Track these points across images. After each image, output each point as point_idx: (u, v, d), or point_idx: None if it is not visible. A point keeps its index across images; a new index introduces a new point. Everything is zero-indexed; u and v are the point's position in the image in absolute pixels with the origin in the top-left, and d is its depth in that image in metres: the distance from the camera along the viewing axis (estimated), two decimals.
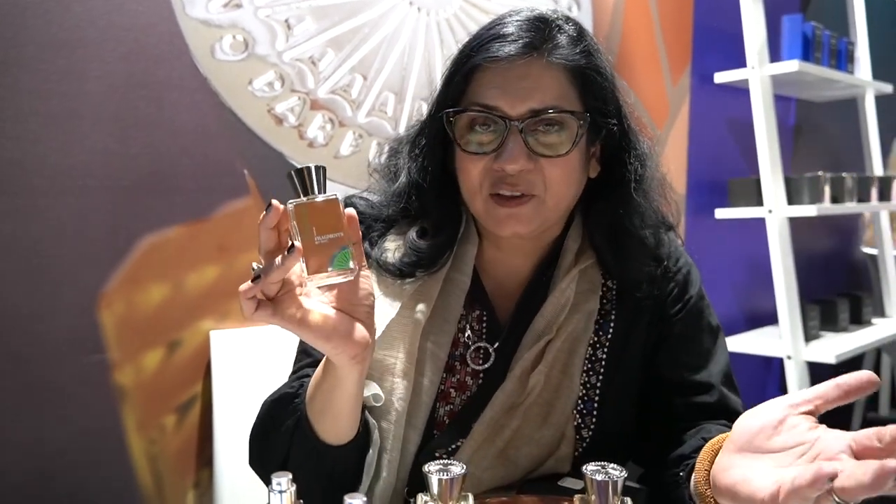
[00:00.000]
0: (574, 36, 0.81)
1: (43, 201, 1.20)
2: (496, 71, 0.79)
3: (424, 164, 0.86)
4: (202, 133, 1.37)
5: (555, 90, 0.79)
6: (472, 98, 0.80)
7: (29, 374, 1.21)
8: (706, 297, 0.95)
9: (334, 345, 0.67)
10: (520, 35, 0.79)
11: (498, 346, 0.87)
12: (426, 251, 0.86)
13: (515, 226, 0.81)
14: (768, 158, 2.20)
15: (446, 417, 0.86)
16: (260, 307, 0.62)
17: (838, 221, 3.14)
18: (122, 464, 1.31)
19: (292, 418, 0.78)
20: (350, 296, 0.69)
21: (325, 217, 0.65)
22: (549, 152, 0.79)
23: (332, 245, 0.65)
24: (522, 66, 0.78)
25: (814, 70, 2.30)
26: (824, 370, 2.42)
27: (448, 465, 0.62)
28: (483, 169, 0.80)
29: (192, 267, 1.37)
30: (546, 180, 0.80)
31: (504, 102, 0.78)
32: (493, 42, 0.79)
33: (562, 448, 0.85)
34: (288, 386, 0.83)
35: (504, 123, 0.78)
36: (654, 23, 2.27)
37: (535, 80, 0.78)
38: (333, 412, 0.75)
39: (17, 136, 1.18)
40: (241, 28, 1.41)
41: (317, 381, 0.75)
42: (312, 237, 0.64)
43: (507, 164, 0.78)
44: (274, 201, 0.63)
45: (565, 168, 0.80)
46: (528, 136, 0.78)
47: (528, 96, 0.78)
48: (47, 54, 1.20)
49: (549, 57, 0.79)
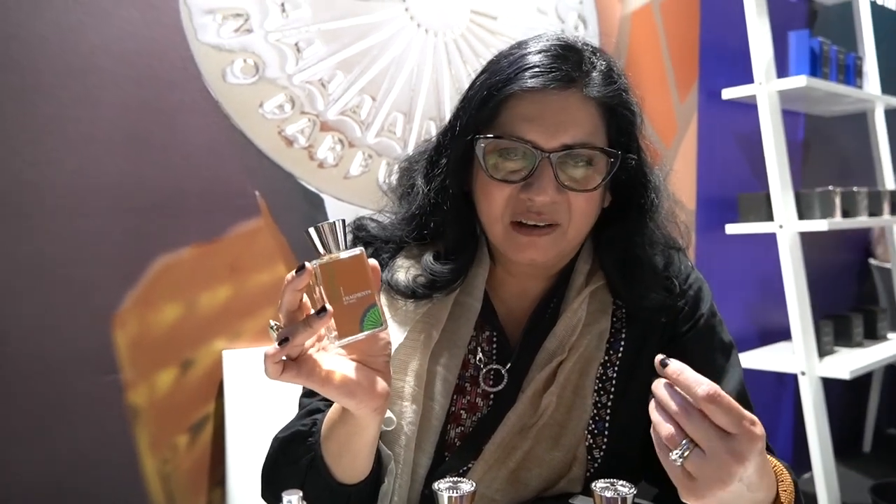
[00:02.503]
0: (606, 71, 0.81)
1: (59, 222, 1.23)
2: (532, 101, 0.78)
3: (445, 185, 0.85)
4: (214, 155, 1.39)
5: (588, 125, 0.79)
6: (505, 125, 0.79)
7: (44, 393, 1.22)
8: (718, 313, 0.94)
9: (358, 400, 0.67)
10: (556, 66, 0.77)
11: (509, 367, 0.87)
12: (443, 274, 0.85)
13: (534, 254, 0.81)
14: (777, 173, 2.20)
15: (457, 439, 0.86)
16: (286, 369, 0.62)
17: (851, 236, 3.12)
18: (134, 483, 1.32)
19: (306, 458, 0.77)
20: (369, 348, 0.68)
21: (352, 275, 0.63)
22: (577, 186, 0.79)
23: (361, 304, 0.63)
24: (559, 98, 0.78)
25: (822, 85, 2.30)
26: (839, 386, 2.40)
27: (458, 482, 0.62)
28: (508, 196, 0.80)
29: (205, 287, 1.38)
30: (571, 211, 0.80)
31: (539, 134, 0.77)
32: (528, 71, 0.78)
33: (573, 470, 0.84)
34: (300, 423, 0.82)
35: (536, 154, 0.77)
36: (661, 40, 2.28)
37: (571, 113, 0.78)
38: (351, 455, 0.75)
39: (35, 159, 1.20)
40: (252, 52, 1.43)
41: (332, 424, 0.75)
42: (341, 298, 0.63)
43: (537, 195, 0.77)
44: (307, 264, 0.62)
45: (589, 201, 0.81)
46: (559, 169, 0.78)
47: (563, 130, 0.77)
48: (64, 81, 1.23)
49: (586, 90, 0.78)
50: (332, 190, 1.56)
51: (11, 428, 1.19)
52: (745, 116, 2.46)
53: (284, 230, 1.49)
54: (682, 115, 2.36)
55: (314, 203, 1.53)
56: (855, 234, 3.14)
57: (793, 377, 2.26)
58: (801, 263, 2.21)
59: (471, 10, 1.77)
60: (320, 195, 1.54)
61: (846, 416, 3.00)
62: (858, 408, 3.10)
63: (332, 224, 0.63)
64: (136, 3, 1.29)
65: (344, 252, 0.63)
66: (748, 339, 2.61)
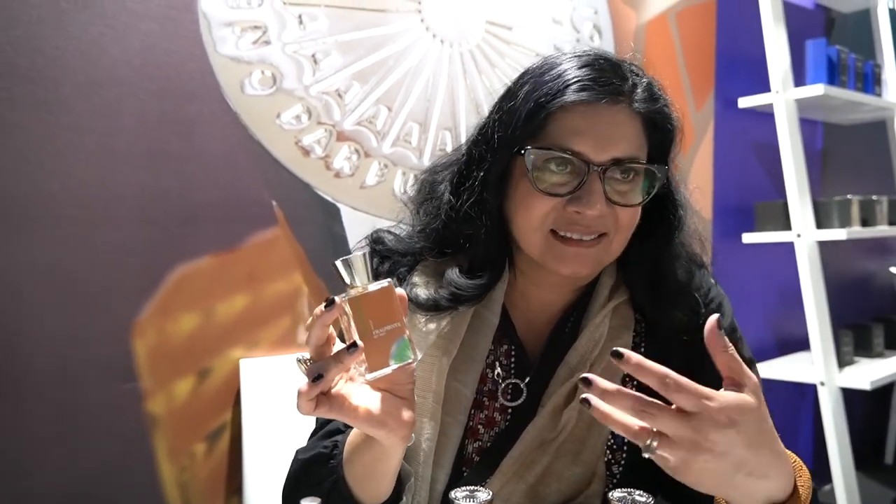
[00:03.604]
0: (648, 85, 0.81)
1: (79, 232, 1.24)
2: (582, 113, 0.78)
3: (483, 197, 0.83)
4: (232, 166, 1.41)
5: (636, 140, 0.79)
6: (554, 137, 0.78)
7: (64, 402, 1.24)
8: (738, 329, 0.93)
9: (387, 431, 0.67)
10: (606, 80, 0.77)
11: (528, 381, 0.87)
12: (470, 289, 0.84)
13: (579, 266, 0.80)
14: (795, 182, 2.18)
15: (475, 454, 0.86)
16: (318, 404, 0.62)
17: (871, 245, 3.09)
18: (153, 491, 1.32)
19: (329, 480, 0.77)
20: (396, 377, 0.67)
21: (381, 308, 0.62)
22: (623, 201, 0.79)
23: (391, 337, 0.63)
24: (610, 112, 0.78)
25: (840, 94, 2.29)
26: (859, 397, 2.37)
27: (474, 491, 0.62)
28: (551, 209, 0.79)
29: (223, 296, 1.39)
30: (618, 224, 0.80)
31: (589, 147, 0.77)
32: (577, 83, 0.77)
33: (592, 485, 0.83)
34: (321, 445, 0.81)
35: (586, 167, 0.77)
36: (677, 48, 2.28)
37: (620, 127, 0.78)
38: (376, 480, 0.75)
39: (56, 170, 1.22)
40: (270, 64, 1.45)
41: (355, 449, 0.75)
42: (371, 332, 0.62)
43: (587, 208, 0.77)
44: (337, 299, 0.61)
45: (634, 215, 0.81)
46: (607, 183, 0.78)
47: (613, 144, 0.77)
48: (84, 93, 1.25)
49: (634, 105, 0.79)
50: (348, 199, 1.57)
51: (32, 435, 1.21)
52: (762, 125, 2.44)
53: (301, 239, 1.50)
54: (699, 124, 2.35)
55: (330, 212, 1.54)
56: (875, 243, 3.10)
57: (812, 388, 2.24)
58: (820, 273, 2.19)
59: (486, 21, 1.78)
60: (336, 205, 1.55)
61: (867, 427, 2.95)
62: (880, 419, 3.06)
63: (361, 256, 0.62)
64: (155, 16, 1.32)
65: (372, 284, 0.63)
66: (767, 350, 2.58)
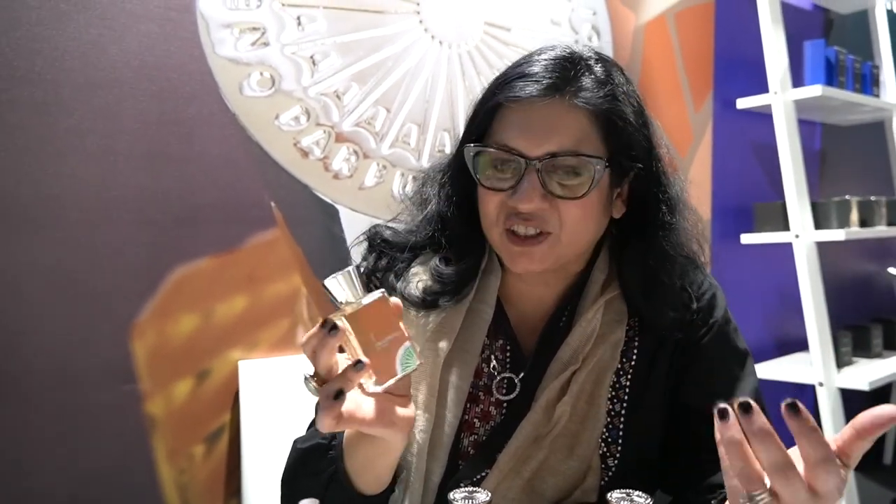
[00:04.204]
0: (601, 78, 0.81)
1: (79, 233, 1.24)
2: (518, 110, 0.79)
3: (450, 194, 0.88)
4: (231, 167, 1.41)
5: (575, 133, 0.79)
6: (495, 136, 0.81)
7: (63, 403, 1.24)
8: (732, 320, 0.93)
9: (395, 429, 0.69)
10: (544, 75, 0.79)
11: (522, 376, 0.88)
12: (450, 278, 0.87)
13: (528, 264, 0.82)
14: (794, 183, 2.18)
15: (470, 448, 0.86)
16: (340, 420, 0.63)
17: (869, 245, 3.09)
18: (152, 492, 1.32)
19: (328, 470, 0.78)
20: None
21: (379, 319, 0.63)
22: (565, 194, 0.79)
23: (394, 345, 0.64)
24: (543, 107, 0.78)
25: (838, 94, 2.29)
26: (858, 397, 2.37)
27: (473, 492, 0.62)
28: (499, 203, 0.81)
29: (222, 297, 1.40)
30: (561, 219, 0.80)
31: (523, 142, 0.79)
32: (518, 81, 0.79)
33: (588, 479, 0.84)
34: (319, 436, 0.82)
35: (522, 163, 0.79)
36: (675, 50, 2.28)
37: (555, 121, 0.79)
38: (375, 472, 0.76)
39: (56, 172, 1.22)
40: (269, 65, 1.45)
41: (356, 442, 0.76)
42: (373, 344, 0.63)
43: (520, 202, 0.78)
44: (338, 323, 0.61)
45: (583, 209, 0.80)
46: (545, 177, 0.78)
47: (547, 138, 0.78)
48: (84, 94, 1.25)
49: (572, 99, 0.79)
50: (347, 201, 1.57)
51: (31, 436, 1.21)
52: (761, 126, 2.45)
53: (300, 241, 1.50)
54: (697, 125, 2.36)
55: (329, 214, 1.54)
56: (873, 244, 3.11)
57: (811, 388, 2.24)
58: (819, 273, 2.19)
59: (485, 22, 1.79)
60: (335, 206, 1.55)
61: None
62: None
63: (348, 273, 0.63)
64: (154, 17, 1.32)
65: (366, 298, 0.63)
66: (765, 350, 2.58)
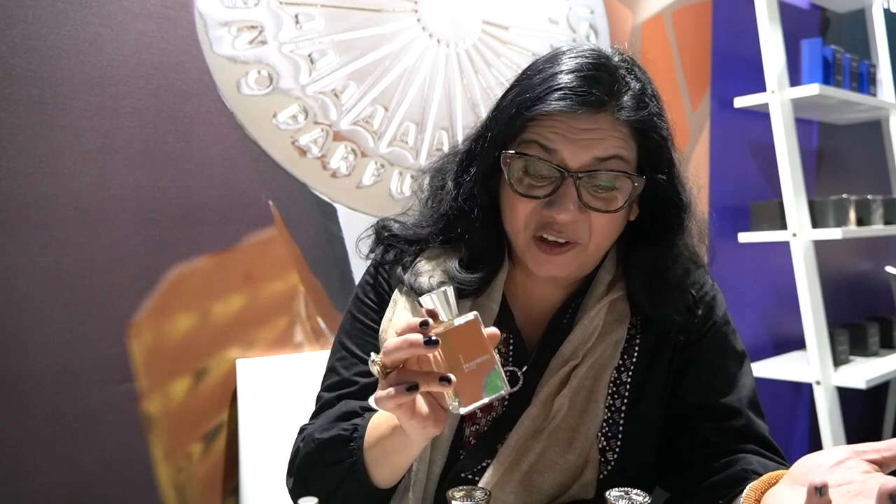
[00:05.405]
0: (638, 94, 0.81)
1: (77, 233, 1.24)
2: (561, 120, 0.79)
3: (473, 193, 0.87)
4: (228, 166, 1.41)
5: (615, 147, 0.79)
6: (531, 144, 0.80)
7: (60, 402, 1.23)
8: (731, 322, 0.95)
9: (438, 429, 0.69)
10: (587, 90, 0.77)
11: (525, 369, 0.88)
12: (471, 283, 0.87)
13: (553, 270, 0.83)
14: (791, 181, 2.19)
15: (472, 438, 0.88)
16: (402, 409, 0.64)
17: (866, 244, 3.10)
18: (149, 491, 1.32)
19: (348, 461, 0.79)
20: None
21: (469, 341, 0.64)
22: (601, 206, 0.80)
23: (482, 370, 0.64)
24: (589, 121, 0.78)
25: (835, 93, 2.30)
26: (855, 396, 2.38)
27: (472, 490, 0.63)
28: (531, 211, 0.81)
29: (219, 296, 1.39)
30: (592, 229, 0.81)
31: (565, 153, 0.78)
32: (559, 91, 0.78)
33: (586, 473, 0.85)
34: (341, 427, 0.83)
35: (562, 173, 0.79)
36: (673, 48, 2.29)
37: (599, 135, 0.79)
38: (393, 466, 0.78)
39: (53, 171, 1.22)
40: (266, 63, 1.45)
41: (379, 436, 0.77)
42: (461, 365, 0.63)
43: (558, 213, 0.79)
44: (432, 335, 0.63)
45: (611, 219, 0.82)
46: (582, 189, 0.79)
47: (589, 151, 0.78)
48: (81, 92, 1.24)
49: (617, 114, 0.79)
50: (345, 199, 1.57)
51: (28, 435, 1.20)
52: (758, 124, 2.45)
53: (298, 239, 1.50)
54: (695, 124, 2.36)
55: (327, 212, 1.54)
56: (870, 243, 3.11)
57: (808, 387, 2.25)
58: (816, 272, 2.19)
59: (482, 21, 1.78)
60: (333, 205, 1.55)
61: (863, 426, 2.96)
62: (875, 418, 3.07)
63: (443, 292, 0.64)
64: (152, 15, 1.31)
65: (458, 318, 0.64)
66: (762, 348, 2.59)
